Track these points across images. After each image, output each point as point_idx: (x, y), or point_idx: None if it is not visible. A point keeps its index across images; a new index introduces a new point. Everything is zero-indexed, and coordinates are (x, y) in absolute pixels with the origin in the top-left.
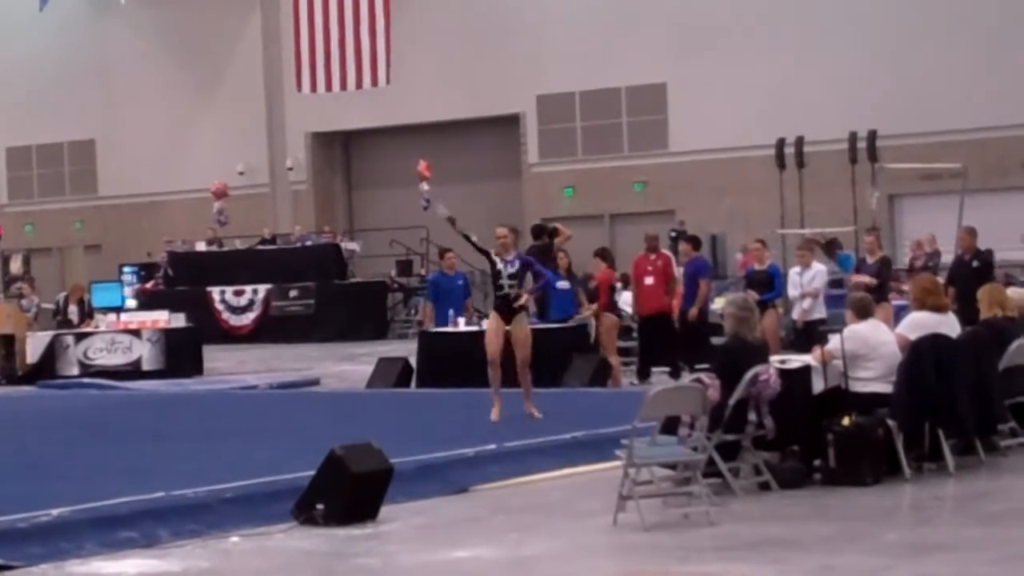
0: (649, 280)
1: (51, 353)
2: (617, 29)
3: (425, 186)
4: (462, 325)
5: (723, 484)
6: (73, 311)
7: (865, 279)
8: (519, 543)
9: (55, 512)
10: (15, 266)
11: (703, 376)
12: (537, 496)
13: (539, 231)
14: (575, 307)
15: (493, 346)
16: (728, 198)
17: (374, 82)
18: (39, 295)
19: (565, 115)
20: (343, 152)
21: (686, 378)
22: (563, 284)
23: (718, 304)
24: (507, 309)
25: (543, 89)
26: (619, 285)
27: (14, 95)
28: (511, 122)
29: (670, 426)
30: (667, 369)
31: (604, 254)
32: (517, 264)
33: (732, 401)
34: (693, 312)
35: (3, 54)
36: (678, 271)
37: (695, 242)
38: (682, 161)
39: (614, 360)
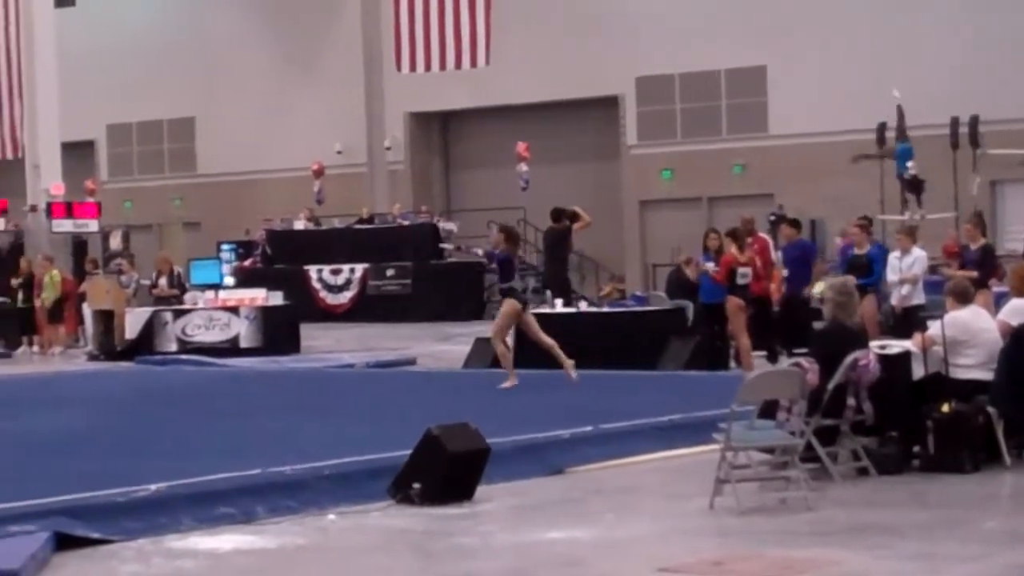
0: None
1: (150, 329)
2: (718, 11)
3: (523, 167)
4: (559, 306)
5: (821, 469)
6: (163, 283)
7: (971, 274)
8: (615, 525)
9: (153, 487)
10: (115, 242)
11: (802, 360)
12: (633, 478)
13: (558, 214)
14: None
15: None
16: (827, 182)
17: (473, 63)
18: (138, 271)
19: (664, 97)
20: (441, 132)
21: (784, 362)
22: (710, 266)
23: (817, 289)
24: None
25: (643, 71)
26: (744, 270)
27: (115, 73)
28: (610, 104)
29: (768, 410)
30: (764, 353)
31: (735, 234)
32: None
33: (831, 386)
34: (810, 288)
35: (105, 33)
36: (776, 255)
37: (796, 225)
38: (781, 144)
39: (743, 341)
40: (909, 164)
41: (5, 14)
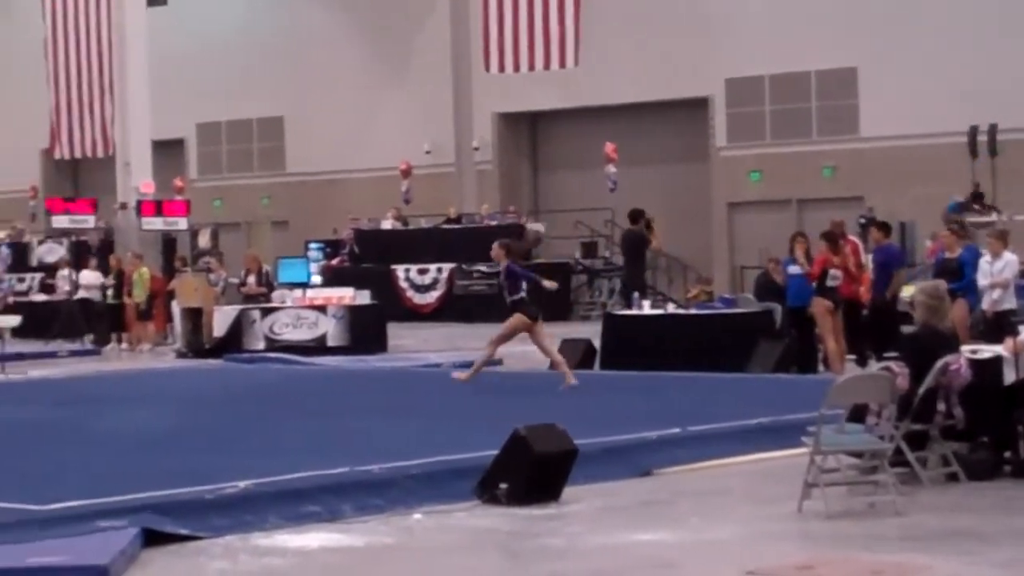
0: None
1: (238, 327)
2: (808, 12)
3: (611, 168)
4: (647, 308)
5: (910, 474)
6: (251, 281)
7: None
8: (702, 527)
9: (241, 485)
10: (203, 240)
11: (892, 364)
12: (720, 481)
13: (636, 216)
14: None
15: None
16: (917, 184)
17: (562, 63)
18: (227, 270)
19: (754, 99)
20: (529, 133)
21: (873, 366)
22: (795, 269)
23: (907, 292)
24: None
25: (732, 72)
26: (836, 272)
27: (206, 72)
28: (699, 105)
29: (857, 414)
30: (854, 356)
31: (829, 237)
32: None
33: (921, 390)
34: (890, 293)
35: (196, 32)
36: (866, 258)
37: (885, 228)
38: (872, 146)
39: (831, 344)
40: None
41: (97, 13)
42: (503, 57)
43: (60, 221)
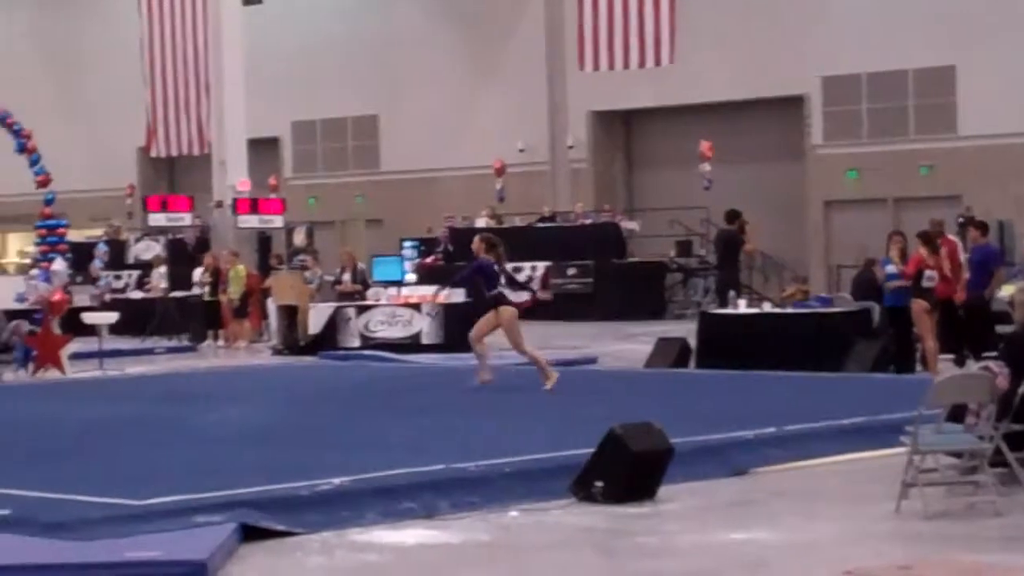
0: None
1: (333, 324)
2: (906, 10)
3: (706, 166)
4: (743, 307)
5: (1010, 474)
6: (347, 279)
7: None
8: (798, 527)
9: (337, 481)
10: (299, 238)
11: (991, 364)
12: (816, 480)
13: (732, 217)
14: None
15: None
16: (1016, 183)
17: (657, 61)
18: (322, 267)
19: (851, 97)
20: (624, 131)
21: (972, 366)
22: (891, 268)
23: (1006, 291)
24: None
25: (829, 70)
26: (931, 272)
27: (301, 71)
28: (795, 103)
29: (956, 414)
30: (951, 356)
31: (926, 237)
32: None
33: (1021, 390)
34: (988, 293)
35: (291, 30)
36: (964, 258)
37: (983, 228)
38: (970, 145)
39: (929, 344)
40: None
41: (193, 12)
42: (598, 55)
43: (157, 219)
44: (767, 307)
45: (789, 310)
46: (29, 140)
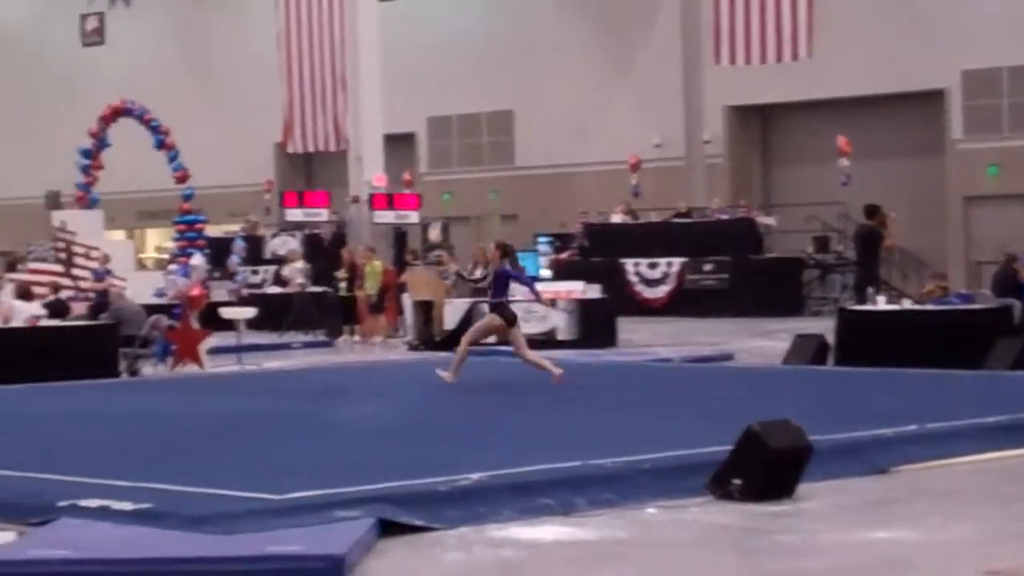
0: None
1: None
2: None
3: (844, 162)
4: (882, 304)
5: None
6: (477, 274)
7: None
8: (940, 526)
9: (474, 477)
10: (434, 234)
11: None
12: (958, 480)
13: (872, 212)
14: None
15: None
16: None
17: (794, 55)
18: (457, 263)
19: (992, 91)
20: (761, 125)
21: None
22: None
23: None
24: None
25: (969, 64)
26: None
27: (437, 66)
28: (935, 98)
29: None
30: None
31: None
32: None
33: None
34: None
35: (426, 26)
36: None
37: None
38: None
39: None
40: None
41: (330, 8)
42: (734, 49)
43: (294, 214)
44: (906, 304)
45: (929, 307)
46: (167, 136)
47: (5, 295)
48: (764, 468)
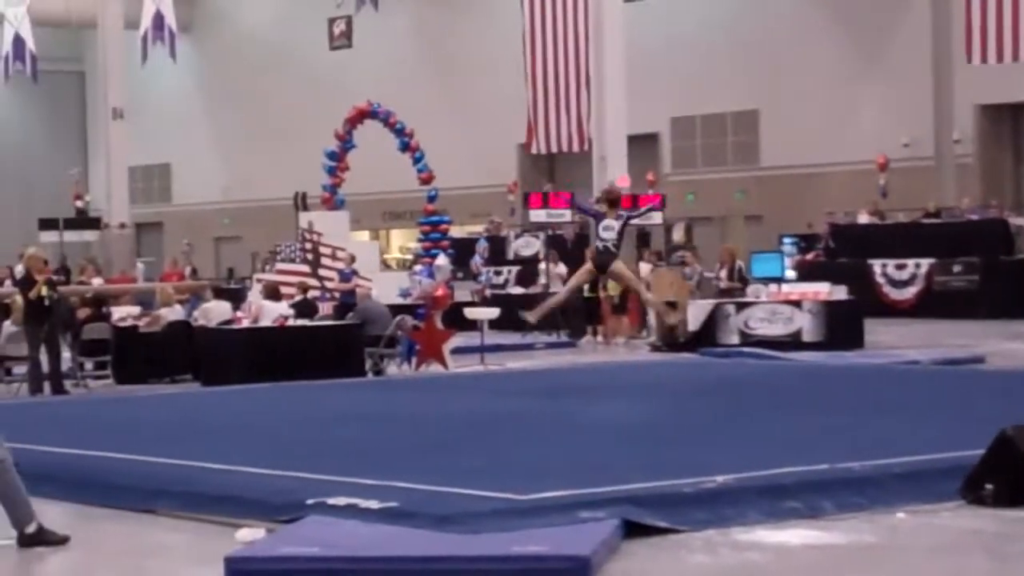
0: None
1: (712, 321)
2: None
3: None
4: None
5: None
6: (722, 275)
7: None
8: None
9: (720, 479)
10: (677, 235)
11: None
12: None
13: None
14: None
15: None
16: None
17: None
18: (701, 264)
19: None
20: (1012, 124)
21: None
22: None
23: None
24: None
25: None
26: None
27: (680, 66)
28: None
29: None
30: None
31: None
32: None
33: None
34: None
35: (671, 26)
36: None
37: None
38: None
39: None
40: None
41: (575, 8)
42: (986, 47)
43: (537, 215)
44: None
45: None
46: (412, 138)
47: (254, 295)
48: (1017, 473)
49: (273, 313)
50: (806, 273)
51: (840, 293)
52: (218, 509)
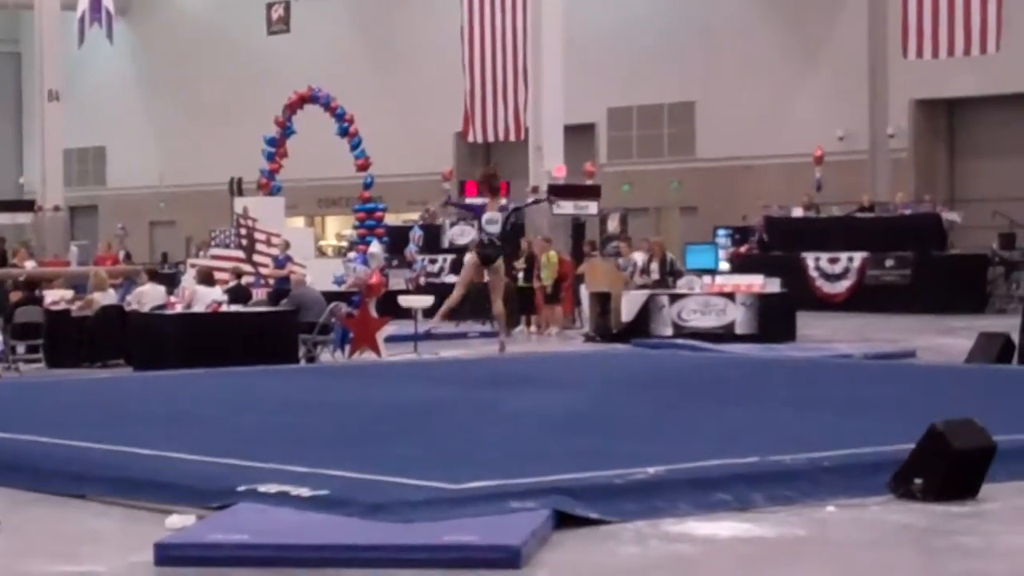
0: None
1: (645, 312)
2: None
3: None
4: None
5: None
6: (654, 268)
7: None
8: None
9: (651, 470)
10: (612, 225)
11: None
12: None
13: None
14: None
15: None
16: None
17: (983, 49)
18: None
19: None
20: (947, 120)
21: None
22: None
23: None
24: None
25: None
26: None
27: (618, 57)
28: None
29: None
30: None
31: None
32: None
33: None
34: None
35: (607, 17)
36: None
37: None
38: None
39: None
40: None
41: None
42: (921, 42)
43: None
44: None
45: None
46: (351, 124)
47: (188, 280)
48: (947, 468)
49: (207, 298)
50: (740, 265)
51: (773, 286)
52: (148, 495)
